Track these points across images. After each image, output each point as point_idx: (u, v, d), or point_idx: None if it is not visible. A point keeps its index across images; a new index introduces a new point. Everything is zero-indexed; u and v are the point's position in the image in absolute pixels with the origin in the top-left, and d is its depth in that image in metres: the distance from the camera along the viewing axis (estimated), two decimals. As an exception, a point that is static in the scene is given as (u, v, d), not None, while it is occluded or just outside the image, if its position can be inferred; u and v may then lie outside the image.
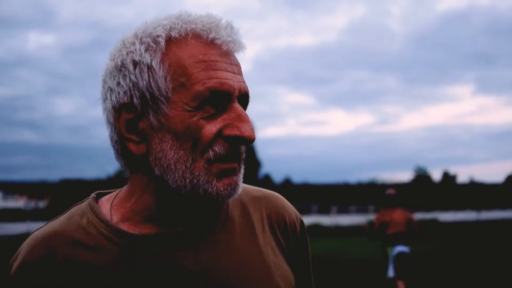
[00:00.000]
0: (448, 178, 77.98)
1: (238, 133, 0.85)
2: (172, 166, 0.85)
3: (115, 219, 0.93)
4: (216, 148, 0.85)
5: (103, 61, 0.93)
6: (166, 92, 0.85)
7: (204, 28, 0.88)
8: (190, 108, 0.84)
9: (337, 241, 19.36)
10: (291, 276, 1.00)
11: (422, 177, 74.92)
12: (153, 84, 0.85)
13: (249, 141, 0.86)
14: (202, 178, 0.85)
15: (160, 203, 0.91)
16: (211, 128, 0.85)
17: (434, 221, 30.81)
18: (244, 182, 0.93)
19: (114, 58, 0.90)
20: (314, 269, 1.10)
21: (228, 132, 0.85)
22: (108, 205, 0.96)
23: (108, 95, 0.90)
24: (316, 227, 25.06)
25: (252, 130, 0.86)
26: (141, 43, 0.87)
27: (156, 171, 0.87)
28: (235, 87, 0.87)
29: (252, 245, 0.97)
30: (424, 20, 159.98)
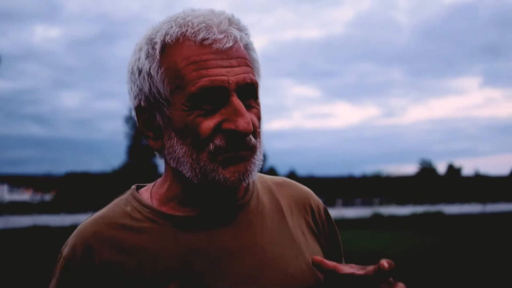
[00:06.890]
0: (453, 170, 77.63)
1: (233, 127, 0.90)
2: (181, 159, 0.93)
3: (155, 204, 1.01)
4: (216, 141, 0.90)
5: (108, 54, 0.97)
6: (165, 95, 0.92)
7: (194, 30, 0.92)
8: (186, 108, 0.91)
9: (342, 234, 19.25)
10: (321, 254, 1.08)
11: (427, 169, 74.64)
12: (153, 89, 0.93)
13: (244, 134, 0.90)
14: (208, 167, 0.91)
15: (187, 190, 0.99)
16: (208, 124, 0.90)
17: (439, 214, 30.78)
18: None
19: (130, 63, 0.99)
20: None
21: (226, 126, 0.90)
22: (147, 194, 1.05)
23: (129, 97, 1.00)
24: (321, 219, 24.94)
25: (247, 123, 0.89)
26: (142, 50, 0.95)
27: (171, 164, 0.96)
28: (230, 81, 0.90)
29: (282, 227, 1.05)
30: (431, 12, 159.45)
